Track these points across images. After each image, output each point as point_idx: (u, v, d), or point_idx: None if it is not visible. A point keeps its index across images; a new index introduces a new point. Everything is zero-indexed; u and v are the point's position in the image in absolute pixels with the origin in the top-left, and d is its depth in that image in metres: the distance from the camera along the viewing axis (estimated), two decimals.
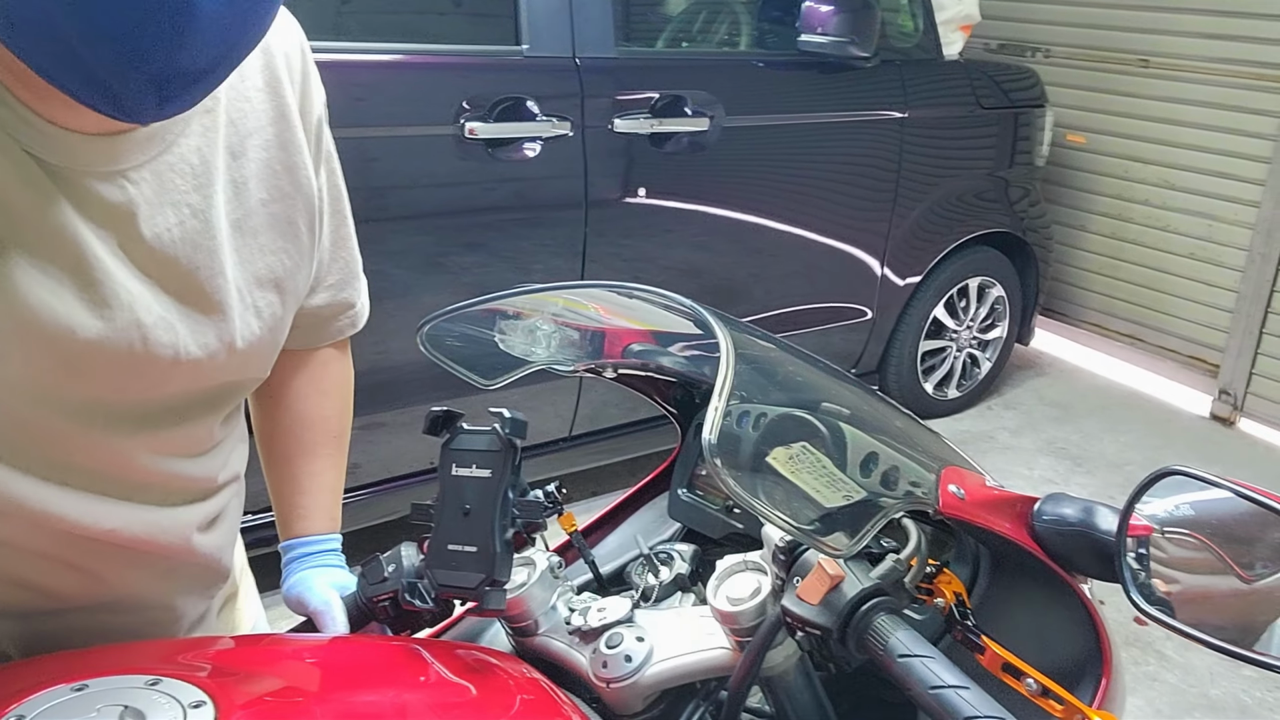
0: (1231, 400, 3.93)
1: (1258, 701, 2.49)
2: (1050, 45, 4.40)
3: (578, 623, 0.87)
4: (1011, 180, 3.72)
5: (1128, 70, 4.12)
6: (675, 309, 0.81)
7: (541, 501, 0.86)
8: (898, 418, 0.91)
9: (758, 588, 0.80)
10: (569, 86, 2.56)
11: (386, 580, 0.89)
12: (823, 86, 3.12)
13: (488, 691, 0.79)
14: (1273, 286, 3.77)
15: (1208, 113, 3.89)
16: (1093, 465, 3.57)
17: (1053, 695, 0.72)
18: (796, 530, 0.70)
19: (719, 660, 0.82)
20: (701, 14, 3.32)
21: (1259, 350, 3.85)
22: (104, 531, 0.82)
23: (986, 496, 0.84)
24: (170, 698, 0.64)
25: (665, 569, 0.99)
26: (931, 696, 0.67)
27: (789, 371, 0.85)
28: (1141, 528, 0.79)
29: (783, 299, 3.21)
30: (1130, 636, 2.61)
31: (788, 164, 3.10)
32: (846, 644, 0.73)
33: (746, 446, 0.75)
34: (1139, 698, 2.46)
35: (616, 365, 1.08)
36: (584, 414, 2.85)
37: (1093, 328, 4.48)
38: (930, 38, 3.43)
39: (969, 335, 3.81)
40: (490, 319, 0.99)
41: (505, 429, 0.83)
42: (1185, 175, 4.01)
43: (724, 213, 2.94)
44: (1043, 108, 3.77)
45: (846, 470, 0.77)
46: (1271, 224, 3.72)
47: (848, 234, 3.29)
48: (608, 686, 0.83)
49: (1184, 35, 3.92)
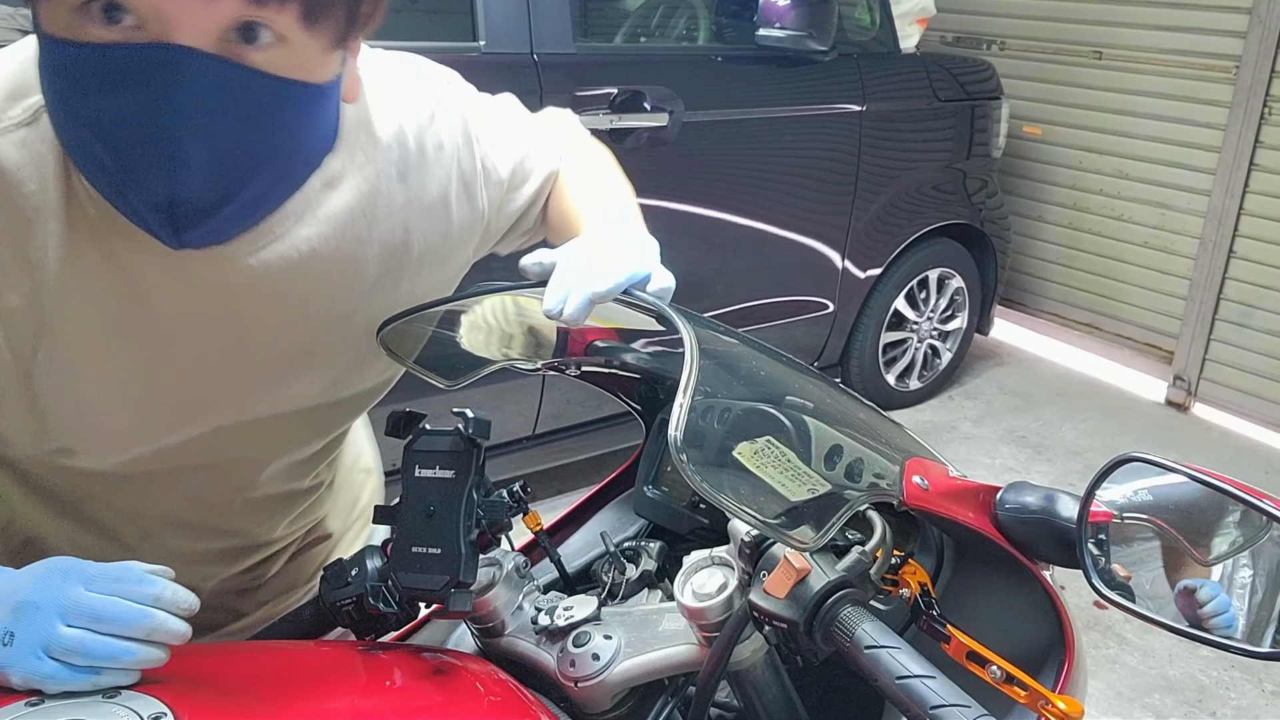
0: (1186, 386, 4.00)
1: (1214, 680, 2.54)
2: (1005, 38, 4.45)
3: (544, 622, 0.87)
4: (969, 172, 3.76)
5: (1082, 62, 4.18)
6: (637, 305, 0.80)
7: (506, 501, 0.85)
8: (861, 410, 0.92)
9: (724, 583, 0.80)
10: (527, 83, 2.54)
11: (350, 584, 0.88)
12: (781, 81, 3.12)
13: (454, 694, 0.78)
14: (1225, 274, 3.84)
15: (1160, 103, 3.95)
16: (1053, 453, 3.62)
17: (1017, 681, 0.73)
18: (763, 524, 0.70)
19: (687, 656, 0.82)
20: (660, 9, 3.31)
21: (1212, 336, 3.92)
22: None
23: (949, 487, 0.85)
24: (129, 710, 0.62)
25: (632, 566, 0.99)
26: (898, 686, 0.67)
27: (753, 366, 0.85)
28: (1101, 514, 0.80)
29: (744, 293, 3.22)
30: (1091, 621, 2.65)
31: (748, 158, 3.10)
32: (814, 637, 0.73)
33: (712, 442, 0.75)
34: (1100, 680, 2.50)
35: (579, 362, 1.08)
36: (547, 412, 2.84)
37: (1051, 317, 4.54)
38: (887, 31, 3.45)
39: (929, 326, 3.84)
40: (451, 318, 0.98)
41: (468, 429, 0.82)
42: (1139, 165, 4.08)
43: (684, 208, 2.94)
44: (999, 100, 3.81)
45: (811, 464, 0.77)
46: (1223, 212, 3.79)
47: (808, 227, 3.30)
48: (576, 685, 0.83)
49: (1136, 27, 3.97)
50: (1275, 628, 0.75)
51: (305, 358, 0.90)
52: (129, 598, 0.67)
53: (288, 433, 0.96)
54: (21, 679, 0.64)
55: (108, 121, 0.67)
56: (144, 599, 0.67)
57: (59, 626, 0.64)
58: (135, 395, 0.83)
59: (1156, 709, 2.44)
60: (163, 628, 0.67)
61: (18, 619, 0.65)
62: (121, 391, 0.82)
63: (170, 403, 0.85)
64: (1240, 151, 3.71)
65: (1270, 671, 2.55)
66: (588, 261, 0.80)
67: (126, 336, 0.80)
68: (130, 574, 0.68)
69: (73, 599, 0.66)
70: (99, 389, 0.81)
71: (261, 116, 0.70)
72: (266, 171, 0.73)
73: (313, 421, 0.97)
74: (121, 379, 0.81)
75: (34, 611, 0.65)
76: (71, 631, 0.64)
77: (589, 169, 1.05)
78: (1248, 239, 3.77)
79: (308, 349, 0.89)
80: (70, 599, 0.66)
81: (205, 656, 0.83)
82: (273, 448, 0.97)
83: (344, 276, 0.87)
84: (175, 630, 0.67)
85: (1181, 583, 0.79)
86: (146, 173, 0.68)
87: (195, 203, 0.70)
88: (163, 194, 0.68)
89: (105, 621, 0.65)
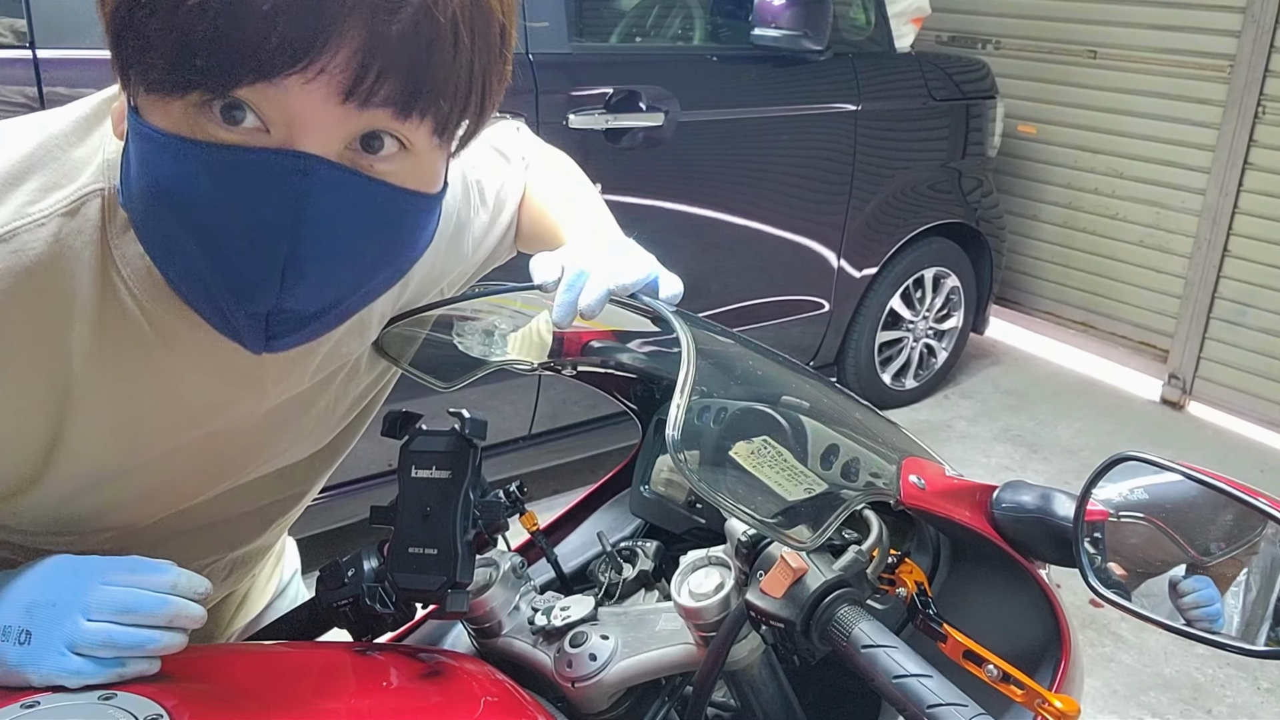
0: (1181, 384, 4.01)
1: (1209, 679, 2.54)
2: (1000, 37, 4.45)
3: (541, 622, 0.87)
4: (964, 171, 3.76)
5: (1077, 62, 4.19)
6: (634, 306, 0.80)
7: (503, 501, 0.85)
8: (857, 409, 0.92)
9: (721, 583, 0.80)
10: (523, 83, 2.54)
11: (346, 585, 0.87)
12: (777, 80, 3.13)
13: (451, 695, 0.78)
14: (1219, 272, 3.85)
15: (1154, 102, 3.96)
16: (1048, 452, 3.62)
17: (1013, 680, 0.73)
18: (760, 524, 0.70)
19: (684, 656, 0.82)
20: (655, 8, 3.31)
21: (1206, 335, 3.93)
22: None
23: (946, 486, 0.85)
24: (125, 712, 0.62)
25: (628, 566, 0.99)
26: (895, 685, 0.67)
27: (749, 366, 0.85)
28: (1097, 513, 0.80)
29: (740, 293, 3.22)
30: (1087, 619, 2.66)
31: (743, 158, 3.11)
32: (810, 636, 0.73)
33: (709, 441, 0.75)
34: (1096, 679, 2.50)
35: (576, 362, 1.08)
36: (544, 412, 2.84)
37: (1046, 316, 4.55)
38: (882, 31, 3.45)
39: (925, 326, 3.85)
40: (446, 321, 0.98)
41: (465, 429, 0.82)
42: (1134, 164, 4.09)
43: (680, 207, 2.94)
44: (994, 99, 3.81)
45: (808, 463, 0.77)
46: (1217, 211, 3.80)
47: (804, 227, 3.30)
48: (573, 686, 0.83)
49: (1130, 26, 3.98)
50: (1270, 625, 0.76)
51: (318, 415, 0.92)
52: (146, 588, 0.68)
53: (283, 475, 0.97)
54: (43, 677, 0.64)
55: (218, 228, 0.63)
56: (161, 587, 0.69)
57: (82, 622, 0.65)
58: (148, 480, 0.82)
59: (1152, 707, 2.44)
60: (183, 613, 0.69)
61: (33, 618, 0.65)
62: (135, 477, 0.81)
63: (179, 482, 0.85)
64: (1235, 150, 3.72)
65: (1265, 669, 2.56)
66: (602, 258, 0.80)
67: (146, 427, 0.78)
68: (143, 565, 0.69)
69: (93, 594, 0.66)
70: (112, 476, 0.79)
71: (383, 229, 0.68)
72: (374, 281, 0.72)
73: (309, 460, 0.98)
74: (136, 464, 0.80)
75: (51, 609, 0.66)
76: (96, 625, 0.65)
77: (555, 177, 1.05)
78: (1242, 237, 3.78)
79: (322, 407, 0.91)
80: (91, 594, 0.66)
81: (201, 658, 0.82)
82: (268, 490, 0.97)
83: (359, 334, 0.88)
84: (195, 614, 0.70)
85: (1178, 581, 0.80)
86: (255, 283, 0.64)
87: (299, 314, 0.68)
88: (268, 305, 0.66)
89: (129, 612, 0.66)
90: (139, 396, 0.76)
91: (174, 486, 0.85)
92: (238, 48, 0.57)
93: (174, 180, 0.63)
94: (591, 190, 1.05)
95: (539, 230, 1.00)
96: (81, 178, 0.70)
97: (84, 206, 0.69)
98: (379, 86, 0.60)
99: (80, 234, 0.69)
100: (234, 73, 0.58)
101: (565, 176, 1.06)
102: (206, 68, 0.58)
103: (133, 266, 0.71)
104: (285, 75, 0.58)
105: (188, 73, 0.58)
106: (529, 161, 1.06)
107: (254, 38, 0.57)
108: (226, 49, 0.57)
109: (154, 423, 0.78)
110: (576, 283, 0.77)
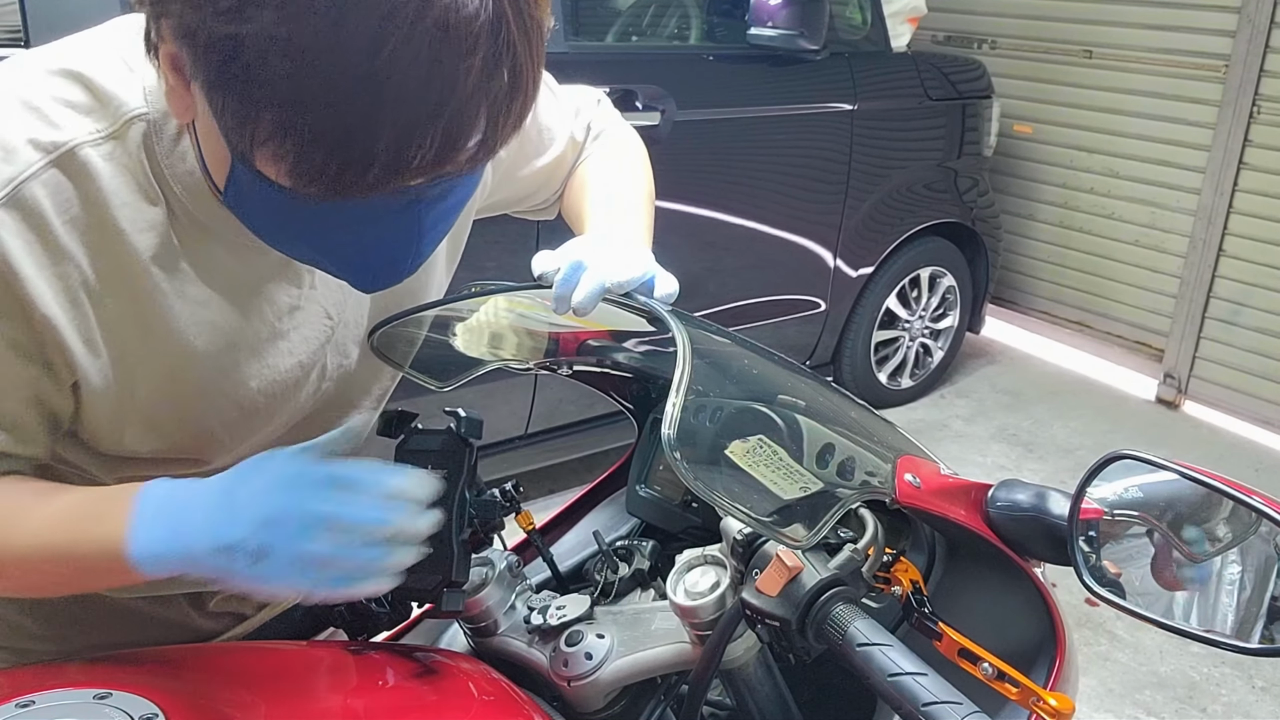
0: (1176, 384, 4.02)
1: (1204, 677, 2.55)
2: (996, 37, 4.46)
3: (537, 621, 0.87)
4: (960, 171, 3.76)
5: (1073, 61, 4.19)
6: (630, 305, 0.80)
7: (498, 500, 0.85)
8: (852, 408, 0.92)
9: (717, 581, 0.80)
10: None
11: None
12: (773, 80, 3.13)
13: (447, 694, 0.78)
14: (1214, 272, 3.86)
15: (1150, 102, 3.97)
16: (1044, 451, 3.63)
17: (1008, 679, 0.73)
18: (756, 522, 0.70)
19: (680, 655, 0.82)
20: (651, 8, 3.31)
21: (1201, 334, 3.94)
22: None
23: (941, 484, 0.85)
24: (120, 711, 0.62)
25: (624, 565, 0.99)
26: (890, 684, 0.67)
27: (745, 365, 0.85)
28: (1092, 511, 0.80)
29: (737, 292, 3.22)
30: (1082, 618, 2.66)
31: (740, 157, 3.11)
32: (806, 634, 0.73)
33: (705, 440, 0.75)
34: (1091, 677, 2.50)
35: (572, 362, 1.08)
36: (540, 411, 2.84)
37: (1042, 315, 4.55)
38: (878, 30, 3.45)
39: (921, 325, 3.85)
40: (443, 321, 0.98)
41: (460, 428, 0.82)
42: (1129, 164, 4.09)
43: (677, 207, 2.94)
44: (990, 99, 3.82)
45: (804, 462, 0.77)
46: (1212, 211, 3.81)
47: (800, 226, 3.30)
48: (568, 684, 0.83)
49: (1126, 26, 3.99)
50: (1264, 623, 0.76)
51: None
52: (370, 494, 0.67)
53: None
54: (271, 591, 0.66)
55: (346, 250, 0.70)
56: (385, 492, 0.68)
57: (306, 544, 0.65)
58: (231, 391, 0.83)
59: (1148, 705, 2.44)
60: (408, 527, 0.68)
61: (270, 531, 0.66)
62: (222, 392, 0.82)
63: (262, 397, 0.85)
64: (1230, 150, 3.72)
65: (1260, 668, 2.56)
66: (599, 256, 0.81)
67: (232, 333, 0.80)
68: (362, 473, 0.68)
69: (316, 507, 0.66)
70: (202, 388, 0.80)
71: (471, 197, 0.75)
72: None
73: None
74: (225, 377, 0.81)
75: (276, 528, 0.65)
76: (319, 550, 0.65)
77: (609, 167, 1.06)
78: (1237, 237, 3.78)
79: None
80: (314, 507, 0.66)
81: (196, 657, 0.83)
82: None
83: None
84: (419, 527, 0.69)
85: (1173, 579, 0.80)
86: (380, 280, 0.73)
87: (407, 273, 0.74)
88: (389, 282, 0.74)
89: (351, 530, 0.66)
90: (218, 300, 0.78)
91: (258, 398, 0.85)
92: (371, 160, 0.59)
93: (294, 219, 0.67)
94: (639, 185, 1.06)
95: (574, 212, 1.04)
96: (125, 103, 0.72)
97: (129, 129, 0.71)
98: (480, 154, 0.64)
99: (130, 155, 0.72)
100: (363, 184, 0.61)
101: (620, 167, 1.07)
102: (335, 175, 0.60)
103: (184, 184, 0.74)
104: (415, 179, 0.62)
105: (310, 178, 0.61)
106: (597, 132, 1.08)
107: (393, 151, 0.59)
108: (359, 161, 0.59)
109: (237, 327, 0.80)
110: (571, 278, 0.79)
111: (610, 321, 0.93)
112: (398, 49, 0.56)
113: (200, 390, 0.80)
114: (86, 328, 0.72)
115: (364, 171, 0.60)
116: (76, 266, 0.70)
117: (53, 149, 0.68)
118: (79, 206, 0.69)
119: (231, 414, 0.83)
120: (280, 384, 0.84)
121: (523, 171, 1.02)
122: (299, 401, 0.88)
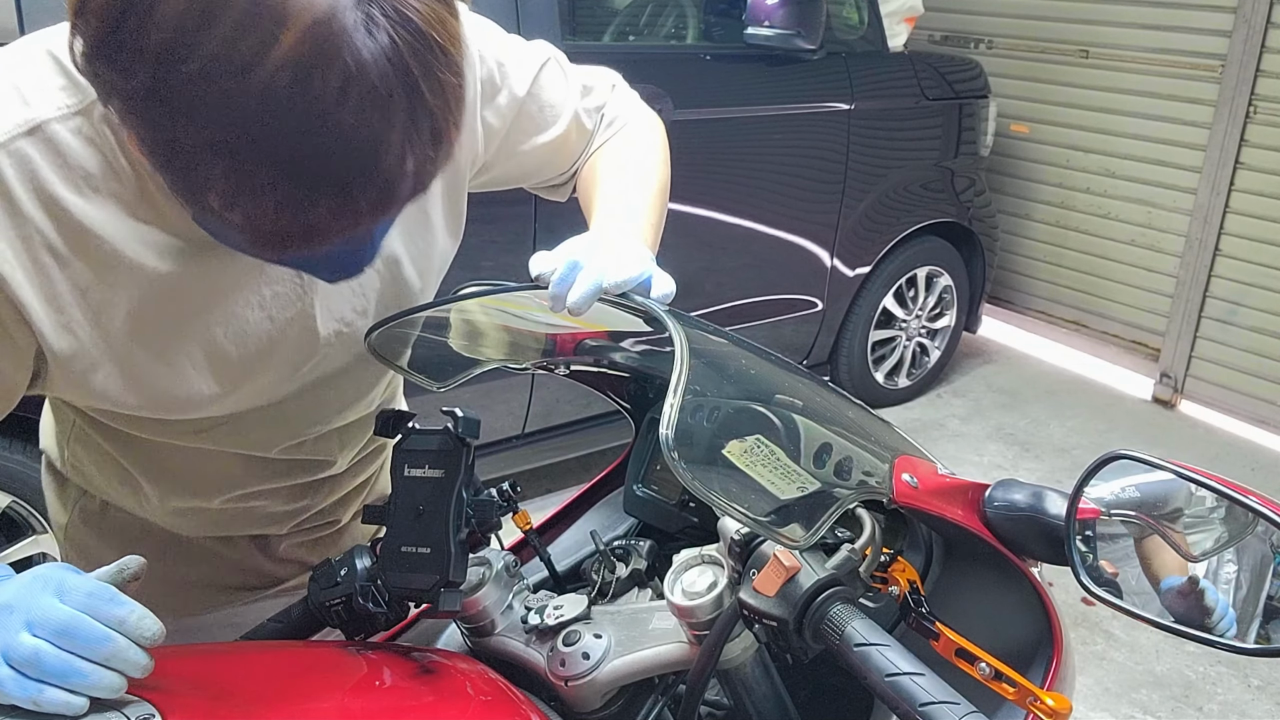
0: (1172, 383, 4.02)
1: (1201, 676, 2.55)
2: (993, 37, 4.46)
3: (534, 621, 0.87)
4: (957, 170, 3.77)
5: (1069, 61, 4.19)
6: (627, 305, 0.80)
7: (496, 500, 0.85)
8: (850, 408, 0.92)
9: (714, 581, 0.80)
10: None
11: (339, 584, 0.87)
12: (770, 79, 3.13)
13: (444, 694, 0.78)
14: (1210, 271, 3.86)
15: (1146, 102, 3.97)
16: (1040, 450, 3.63)
17: (1005, 678, 0.73)
18: (753, 522, 0.70)
19: (677, 654, 0.82)
20: (648, 7, 3.31)
21: (1198, 334, 3.94)
22: None
23: (939, 484, 0.85)
24: (117, 712, 0.62)
25: (621, 565, 0.99)
26: (887, 683, 0.67)
27: (742, 365, 0.85)
28: (1089, 511, 0.80)
29: (734, 292, 3.22)
30: (1079, 617, 2.67)
31: (737, 157, 3.11)
32: (803, 634, 0.73)
33: (702, 440, 0.75)
34: (1088, 677, 2.51)
35: (569, 361, 1.08)
36: (537, 411, 2.84)
37: (1038, 315, 4.56)
38: (875, 30, 3.45)
39: (918, 324, 3.85)
40: (440, 321, 0.98)
41: (458, 428, 0.82)
42: (1125, 163, 4.10)
43: (674, 206, 2.90)
44: (986, 98, 3.82)
45: (801, 462, 0.77)
46: (1208, 210, 3.81)
47: (797, 226, 3.30)
48: (566, 684, 0.83)
49: (1122, 26, 3.99)
50: (1260, 623, 0.76)
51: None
52: (97, 616, 0.63)
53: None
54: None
55: (304, 263, 0.76)
56: (110, 620, 0.63)
57: (21, 634, 0.62)
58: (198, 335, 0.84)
59: (1144, 704, 2.45)
60: (121, 655, 0.63)
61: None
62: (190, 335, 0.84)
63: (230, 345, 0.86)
64: (1226, 150, 3.73)
65: (1256, 667, 2.57)
66: (596, 255, 0.81)
67: (194, 278, 0.81)
68: (103, 592, 0.65)
69: (41, 608, 0.63)
70: (169, 330, 0.82)
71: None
72: None
73: None
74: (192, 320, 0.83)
75: (7, 615, 0.63)
76: (31, 641, 0.61)
77: (620, 159, 1.06)
78: (1233, 237, 3.79)
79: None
80: (39, 607, 0.63)
81: (193, 658, 0.82)
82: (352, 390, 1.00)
83: None
84: (134, 661, 0.63)
85: (1169, 579, 0.80)
86: (339, 272, 0.78)
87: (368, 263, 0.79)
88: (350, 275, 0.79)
89: (66, 637, 0.62)
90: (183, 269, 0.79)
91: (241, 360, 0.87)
92: (294, 250, 0.66)
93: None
94: (648, 182, 1.05)
95: (585, 201, 1.04)
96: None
97: (97, 106, 0.73)
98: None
99: (95, 130, 0.74)
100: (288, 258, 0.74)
101: (631, 162, 1.06)
102: (283, 243, 0.66)
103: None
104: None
105: (264, 245, 0.67)
106: (612, 118, 1.08)
107: (315, 252, 0.67)
108: (303, 229, 0.64)
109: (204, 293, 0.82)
110: (567, 278, 0.80)
111: (607, 321, 0.93)
112: (326, 129, 0.59)
113: (169, 331, 0.82)
114: (50, 287, 0.74)
115: (309, 237, 0.65)
116: (38, 230, 0.73)
117: (23, 123, 0.72)
118: (44, 175, 0.72)
119: (201, 360, 0.84)
120: (251, 337, 0.85)
121: (523, 146, 1.02)
122: (284, 357, 0.88)
